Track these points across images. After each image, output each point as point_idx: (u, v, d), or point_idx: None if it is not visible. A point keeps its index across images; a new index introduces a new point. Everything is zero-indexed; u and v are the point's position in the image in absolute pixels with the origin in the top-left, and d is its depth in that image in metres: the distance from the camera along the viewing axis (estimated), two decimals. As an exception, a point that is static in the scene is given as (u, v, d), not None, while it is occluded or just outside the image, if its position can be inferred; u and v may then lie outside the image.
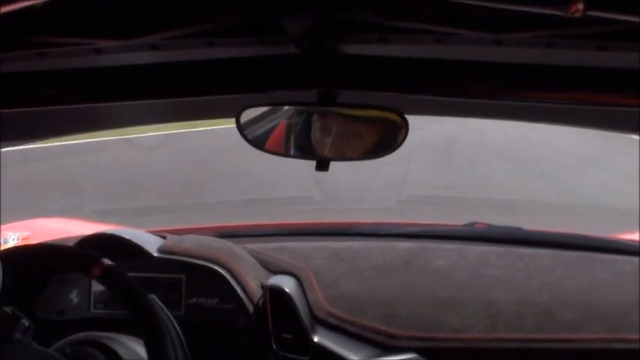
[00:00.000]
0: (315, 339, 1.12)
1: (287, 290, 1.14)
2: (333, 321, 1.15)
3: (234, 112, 0.82)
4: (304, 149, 0.88)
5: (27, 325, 0.95)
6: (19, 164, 5.68)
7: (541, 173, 6.40)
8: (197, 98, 0.80)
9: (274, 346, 1.13)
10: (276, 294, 1.14)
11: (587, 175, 6.22)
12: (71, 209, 4.37)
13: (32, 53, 0.66)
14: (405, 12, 0.57)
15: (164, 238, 1.26)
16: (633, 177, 4.76)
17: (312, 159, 0.85)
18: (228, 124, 0.88)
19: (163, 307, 1.12)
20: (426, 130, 7.29)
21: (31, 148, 5.31)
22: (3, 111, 0.77)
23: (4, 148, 1.04)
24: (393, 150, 0.82)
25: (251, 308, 1.16)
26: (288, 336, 1.13)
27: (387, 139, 0.83)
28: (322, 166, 0.83)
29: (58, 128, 1.06)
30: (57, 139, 1.19)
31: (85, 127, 1.10)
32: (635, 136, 1.03)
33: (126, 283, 1.02)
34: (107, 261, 1.02)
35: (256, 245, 1.34)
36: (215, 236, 1.33)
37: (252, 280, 1.18)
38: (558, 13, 0.44)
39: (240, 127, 0.84)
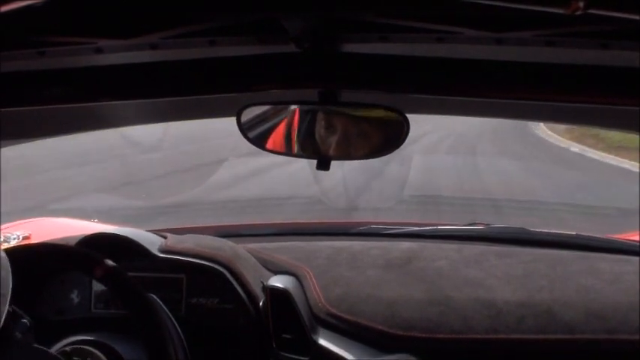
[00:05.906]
0: (315, 339, 1.12)
1: (287, 290, 1.14)
2: (333, 321, 1.15)
3: (234, 110, 0.82)
4: (305, 148, 0.88)
5: (28, 324, 0.94)
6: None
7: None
8: (198, 97, 0.80)
9: (274, 346, 1.13)
10: (276, 294, 1.14)
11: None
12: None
13: (33, 52, 0.66)
14: (406, 11, 0.57)
15: (165, 237, 1.26)
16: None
17: (313, 158, 0.84)
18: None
19: (163, 306, 1.12)
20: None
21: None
22: (3, 110, 0.77)
23: (4, 146, 1.04)
24: (394, 149, 0.82)
25: (251, 308, 1.15)
26: (288, 336, 1.13)
27: (388, 137, 0.82)
28: (323, 165, 0.83)
29: (59, 127, 1.06)
30: (57, 137, 1.18)
31: (86, 126, 1.10)
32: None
33: (126, 283, 1.02)
34: (108, 261, 1.02)
35: (257, 245, 1.34)
36: (216, 236, 1.33)
37: (252, 280, 1.18)
38: (559, 11, 0.44)
39: (241, 126, 0.83)
